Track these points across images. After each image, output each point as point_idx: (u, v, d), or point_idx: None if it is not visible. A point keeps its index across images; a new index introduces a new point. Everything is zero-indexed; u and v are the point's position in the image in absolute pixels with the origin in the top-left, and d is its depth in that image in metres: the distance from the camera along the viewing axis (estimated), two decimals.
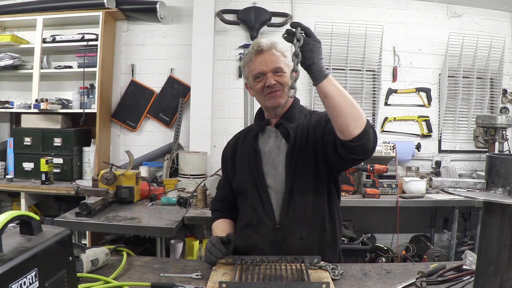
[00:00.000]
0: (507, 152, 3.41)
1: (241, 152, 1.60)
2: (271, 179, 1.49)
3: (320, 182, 1.48)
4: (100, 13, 3.29)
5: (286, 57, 1.49)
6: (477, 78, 3.68)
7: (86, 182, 3.16)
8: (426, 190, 3.05)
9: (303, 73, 1.23)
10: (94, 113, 3.32)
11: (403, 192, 3.03)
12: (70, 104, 3.43)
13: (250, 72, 1.50)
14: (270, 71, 1.45)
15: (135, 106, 3.62)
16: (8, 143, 3.41)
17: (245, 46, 3.60)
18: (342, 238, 2.96)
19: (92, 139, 3.40)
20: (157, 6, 3.40)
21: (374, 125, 3.70)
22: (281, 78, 1.46)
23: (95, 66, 3.31)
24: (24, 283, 0.72)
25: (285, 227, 1.45)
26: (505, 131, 3.31)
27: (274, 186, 1.48)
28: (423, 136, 3.75)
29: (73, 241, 1.08)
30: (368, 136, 1.27)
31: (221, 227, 1.62)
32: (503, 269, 0.99)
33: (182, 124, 3.55)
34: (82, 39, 3.36)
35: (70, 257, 0.88)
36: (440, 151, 3.77)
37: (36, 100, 3.24)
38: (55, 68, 3.44)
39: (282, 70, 1.46)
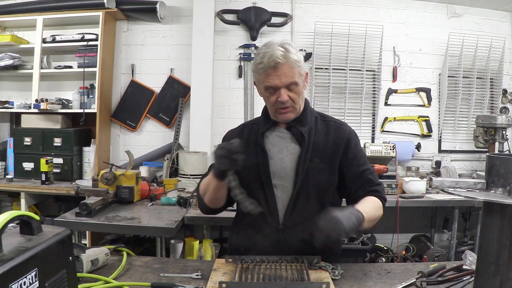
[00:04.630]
0: (507, 152, 3.41)
1: (245, 147, 1.52)
2: (278, 180, 1.47)
3: (329, 188, 1.50)
4: (100, 13, 3.29)
5: (300, 65, 1.41)
6: (477, 78, 3.68)
7: (86, 182, 3.16)
8: (426, 190, 3.05)
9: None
10: (94, 113, 3.32)
11: (403, 192, 3.03)
12: (70, 104, 3.43)
13: (262, 82, 1.42)
14: (284, 86, 1.39)
15: (135, 106, 3.62)
16: (8, 143, 3.41)
17: (245, 46, 3.60)
18: (342, 238, 2.95)
19: (92, 139, 3.40)
20: (157, 6, 3.40)
21: (374, 127, 3.71)
22: (294, 93, 1.42)
23: (95, 66, 3.31)
24: (24, 283, 0.72)
25: (289, 228, 1.45)
26: (505, 131, 3.31)
27: (281, 187, 1.47)
28: (423, 136, 3.75)
29: (73, 241, 1.08)
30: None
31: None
32: (503, 269, 0.99)
33: (182, 124, 3.55)
34: (82, 39, 3.36)
35: (70, 257, 0.88)
36: (440, 151, 3.77)
37: (36, 100, 3.24)
38: (55, 68, 3.44)
39: (296, 83, 1.41)
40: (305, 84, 1.47)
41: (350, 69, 3.61)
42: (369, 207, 1.37)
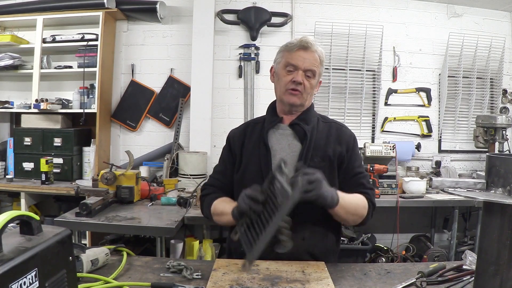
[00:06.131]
0: (507, 152, 3.41)
1: (248, 145, 1.56)
2: None
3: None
4: (100, 13, 3.29)
5: (322, 61, 1.52)
6: (477, 78, 3.68)
7: (86, 182, 3.16)
8: (426, 190, 3.04)
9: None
10: (94, 113, 3.32)
11: (403, 192, 3.03)
12: (70, 104, 3.43)
13: (285, 59, 1.50)
14: (303, 70, 1.47)
15: (135, 106, 3.62)
16: (8, 143, 3.41)
17: (245, 46, 3.60)
18: (342, 238, 2.96)
19: (92, 139, 3.40)
20: (157, 6, 3.40)
21: (374, 127, 3.70)
22: (308, 81, 1.48)
23: (95, 66, 3.31)
24: (24, 283, 0.72)
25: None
26: (505, 131, 3.31)
27: None
28: (423, 136, 3.75)
29: (73, 241, 1.08)
30: (364, 223, 1.52)
31: (229, 201, 1.49)
32: (503, 269, 0.99)
33: (182, 124, 3.55)
34: (82, 39, 3.36)
35: (70, 257, 0.88)
36: (440, 151, 3.77)
37: (36, 100, 3.24)
38: (55, 68, 3.44)
39: (314, 74, 1.49)
40: (317, 86, 1.55)
41: (350, 69, 3.61)
42: (352, 199, 1.42)
